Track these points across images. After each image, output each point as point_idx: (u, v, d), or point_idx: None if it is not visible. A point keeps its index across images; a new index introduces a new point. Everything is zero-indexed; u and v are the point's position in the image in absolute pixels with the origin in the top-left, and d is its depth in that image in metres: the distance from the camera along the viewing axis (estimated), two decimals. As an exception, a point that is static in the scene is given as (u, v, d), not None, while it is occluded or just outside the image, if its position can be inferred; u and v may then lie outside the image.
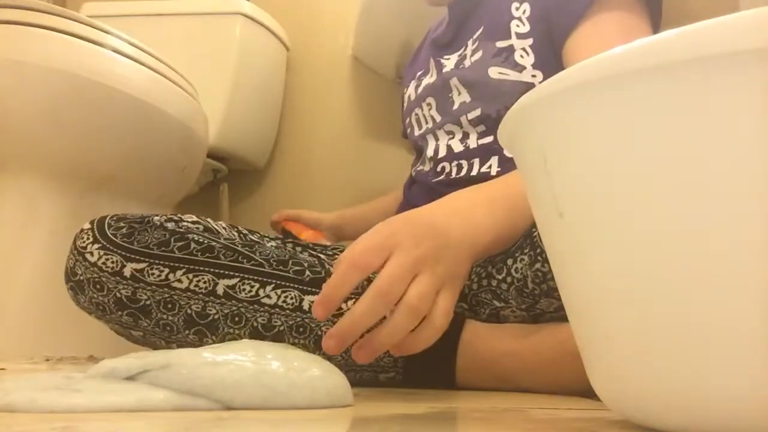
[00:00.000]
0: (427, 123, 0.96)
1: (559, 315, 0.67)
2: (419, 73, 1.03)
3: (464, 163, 0.88)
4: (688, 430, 0.31)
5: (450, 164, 0.90)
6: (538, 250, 0.65)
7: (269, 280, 0.68)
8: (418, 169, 0.97)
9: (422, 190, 0.94)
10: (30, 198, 1.10)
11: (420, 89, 0.99)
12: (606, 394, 0.36)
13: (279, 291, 0.68)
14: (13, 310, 1.06)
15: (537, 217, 0.38)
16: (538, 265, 0.65)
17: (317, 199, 1.59)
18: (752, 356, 0.27)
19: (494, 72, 0.86)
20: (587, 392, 0.40)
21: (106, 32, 1.10)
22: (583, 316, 0.36)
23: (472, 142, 0.88)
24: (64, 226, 1.10)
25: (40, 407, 0.38)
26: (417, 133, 0.99)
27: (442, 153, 0.91)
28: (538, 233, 0.63)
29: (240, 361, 0.44)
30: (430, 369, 0.69)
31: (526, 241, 0.67)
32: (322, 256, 0.88)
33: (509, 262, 0.69)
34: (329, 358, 0.67)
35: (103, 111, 1.10)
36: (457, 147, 0.90)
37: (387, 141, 1.47)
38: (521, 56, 0.85)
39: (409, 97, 1.03)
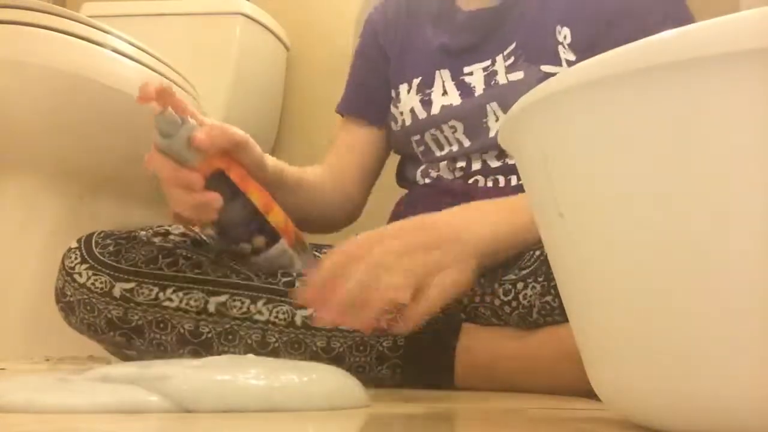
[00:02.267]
0: (451, 145, 0.87)
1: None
2: (417, 81, 0.91)
3: (501, 178, 0.84)
4: (688, 430, 0.31)
5: (485, 179, 0.85)
6: (553, 282, 0.63)
7: (260, 295, 0.68)
8: (433, 175, 0.88)
9: (441, 195, 0.85)
10: (30, 198, 1.10)
11: (435, 108, 0.88)
12: (606, 394, 0.36)
13: (270, 306, 0.68)
14: (13, 310, 1.06)
15: (537, 218, 0.38)
16: (548, 298, 0.64)
17: (317, 199, 1.58)
18: (751, 356, 0.27)
19: None
20: (587, 392, 0.40)
21: (106, 32, 1.10)
22: (583, 316, 0.36)
23: (512, 158, 0.83)
24: (64, 226, 1.10)
25: (37, 408, 0.38)
26: (437, 154, 0.88)
27: (475, 167, 0.85)
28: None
29: (249, 381, 0.42)
30: (429, 374, 0.68)
31: (542, 268, 0.66)
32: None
33: (519, 285, 0.67)
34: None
35: (103, 111, 1.10)
36: (494, 163, 0.84)
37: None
38: None
39: (412, 111, 0.90)
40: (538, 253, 0.69)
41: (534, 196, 0.37)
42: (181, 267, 0.68)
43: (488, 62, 0.86)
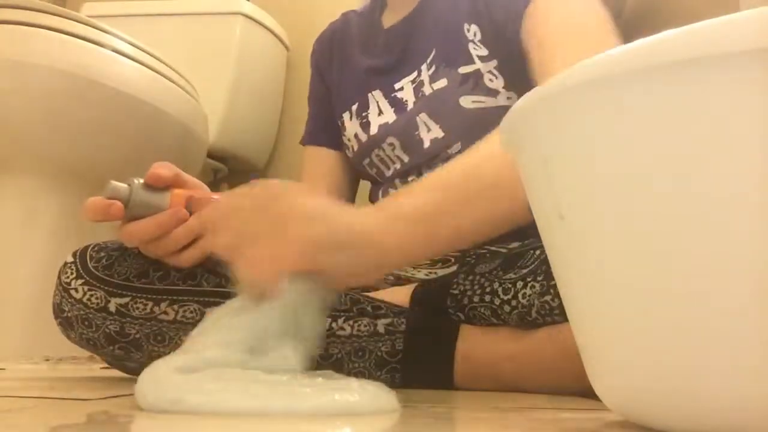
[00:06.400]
0: (394, 163, 0.87)
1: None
2: (355, 107, 0.91)
3: None
4: (688, 430, 0.31)
5: None
6: (552, 282, 0.63)
7: None
8: (392, 192, 0.86)
9: None
10: (30, 198, 1.10)
11: (373, 128, 0.87)
12: (606, 394, 0.36)
13: None
14: (13, 310, 1.06)
15: (537, 219, 0.38)
16: (548, 297, 0.64)
17: (317, 199, 1.58)
18: (752, 356, 0.27)
19: (467, 101, 0.79)
20: (587, 392, 0.40)
21: (106, 32, 1.10)
22: (584, 317, 0.36)
23: None
24: (64, 226, 1.10)
25: None
26: (387, 174, 0.88)
27: None
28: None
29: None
30: (429, 377, 0.68)
31: (541, 268, 0.66)
32: None
33: (519, 284, 0.67)
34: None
35: (103, 111, 1.10)
36: None
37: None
38: (490, 80, 0.79)
39: (356, 136, 0.91)
40: (538, 252, 0.69)
41: (534, 197, 0.37)
42: (173, 279, 0.68)
43: (415, 74, 0.85)
